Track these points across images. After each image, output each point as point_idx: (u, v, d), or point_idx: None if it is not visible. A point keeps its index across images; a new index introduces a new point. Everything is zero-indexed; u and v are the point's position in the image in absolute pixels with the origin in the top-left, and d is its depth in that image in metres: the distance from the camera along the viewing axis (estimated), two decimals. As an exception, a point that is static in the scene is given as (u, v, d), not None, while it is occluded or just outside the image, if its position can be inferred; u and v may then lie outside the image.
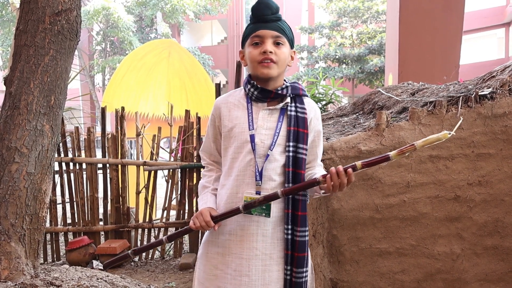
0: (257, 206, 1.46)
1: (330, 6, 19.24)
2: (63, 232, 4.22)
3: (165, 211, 4.29)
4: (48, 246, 4.28)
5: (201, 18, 22.67)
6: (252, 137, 1.50)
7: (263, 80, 1.53)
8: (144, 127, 4.72)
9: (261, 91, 1.54)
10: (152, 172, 4.26)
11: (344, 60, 18.40)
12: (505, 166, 2.17)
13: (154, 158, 4.35)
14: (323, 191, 1.50)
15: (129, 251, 1.69)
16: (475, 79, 2.53)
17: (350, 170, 1.38)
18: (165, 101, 6.85)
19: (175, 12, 20.56)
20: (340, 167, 1.38)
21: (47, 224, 4.15)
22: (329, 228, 2.23)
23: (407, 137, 2.16)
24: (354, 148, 2.18)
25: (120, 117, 4.22)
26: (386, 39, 6.71)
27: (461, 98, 2.20)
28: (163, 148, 4.64)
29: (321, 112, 4.84)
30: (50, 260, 4.21)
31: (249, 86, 1.56)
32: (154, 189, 4.30)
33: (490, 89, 2.20)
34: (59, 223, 4.26)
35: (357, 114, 3.36)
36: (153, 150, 4.36)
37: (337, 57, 18.32)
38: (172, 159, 4.50)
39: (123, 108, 4.27)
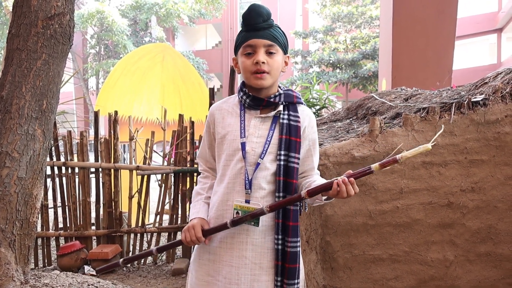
0: (244, 221, 1.44)
1: (324, 11, 19.34)
2: (54, 237, 4.18)
3: (158, 216, 4.27)
4: (39, 251, 4.23)
5: (196, 22, 22.67)
6: (243, 145, 1.49)
7: (257, 88, 1.53)
8: (138, 131, 4.70)
9: (253, 99, 1.52)
10: (145, 176, 4.23)
11: (338, 65, 18.47)
12: (498, 173, 2.18)
13: (147, 162, 4.32)
14: (325, 197, 1.46)
15: (121, 260, 1.66)
16: (468, 86, 2.54)
17: (352, 179, 1.36)
18: (158, 105, 6.83)
19: (170, 16, 20.56)
20: (352, 179, 1.36)
21: (39, 229, 4.11)
22: (322, 234, 2.23)
23: (400, 143, 2.16)
24: (348, 154, 2.18)
25: (113, 121, 4.20)
26: (380, 44, 6.75)
27: (454, 104, 2.21)
28: (156, 152, 4.62)
29: (315, 117, 4.85)
30: (41, 265, 4.17)
31: (241, 94, 1.55)
32: (147, 194, 4.28)
33: (482, 96, 2.21)
34: (50, 228, 4.22)
35: (351, 119, 3.36)
36: (146, 154, 4.34)
37: (331, 61, 18.39)
38: (165, 163, 4.48)
39: (116, 112, 4.25)
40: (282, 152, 1.49)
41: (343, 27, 19.18)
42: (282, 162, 1.48)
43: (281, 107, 1.54)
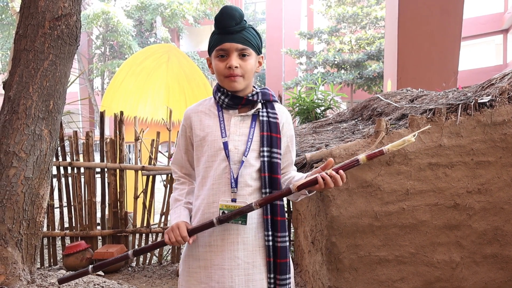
0: (232, 219, 1.43)
1: (329, 12, 19.29)
2: (60, 237, 4.20)
3: (163, 216, 4.27)
4: (45, 251, 4.25)
5: (201, 22, 22.71)
6: (225, 144, 1.49)
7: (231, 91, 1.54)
8: (143, 131, 4.71)
9: (232, 98, 1.53)
10: (151, 176, 4.24)
11: (343, 66, 18.42)
12: (505, 174, 2.17)
13: (152, 162, 4.33)
14: (308, 191, 1.49)
15: (90, 266, 1.61)
16: (474, 87, 2.54)
17: (341, 172, 1.39)
18: (164, 105, 6.85)
19: (175, 16, 20.60)
20: (333, 172, 1.37)
21: (44, 228, 4.12)
22: (328, 235, 2.23)
23: (406, 145, 2.15)
24: (353, 155, 2.17)
25: (119, 121, 4.21)
26: (385, 45, 6.73)
27: (460, 105, 2.20)
28: (161, 153, 4.63)
29: (320, 118, 4.85)
30: (47, 265, 4.19)
31: (219, 94, 1.55)
32: (152, 194, 4.29)
33: (489, 97, 2.20)
34: (56, 228, 4.24)
35: (356, 120, 3.36)
36: (152, 154, 4.35)
37: (336, 62, 18.35)
38: (170, 164, 4.48)
39: (121, 113, 4.26)
40: (265, 149, 1.50)
41: (348, 28, 19.13)
42: (266, 158, 1.50)
43: (259, 105, 1.55)
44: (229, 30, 1.47)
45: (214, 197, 1.49)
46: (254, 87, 1.60)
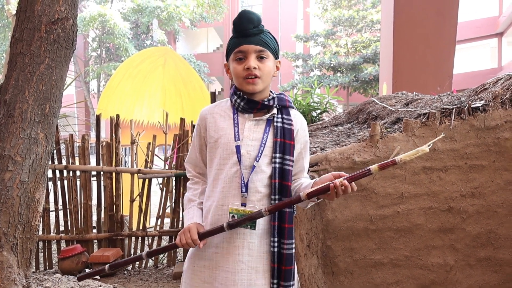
0: (242, 224, 1.44)
1: (325, 15, 19.37)
2: (55, 240, 4.19)
3: (159, 219, 4.27)
4: (41, 254, 4.24)
5: (197, 25, 22.73)
6: (238, 148, 1.50)
7: (249, 93, 1.54)
8: (139, 134, 4.71)
9: (248, 102, 1.53)
10: (147, 180, 4.25)
11: (339, 69, 18.50)
12: (498, 178, 2.19)
13: (148, 166, 4.34)
14: (317, 198, 1.49)
15: (107, 265, 1.63)
16: (468, 91, 2.56)
17: (354, 183, 1.39)
18: (160, 108, 6.85)
19: (171, 19, 20.60)
20: (346, 182, 1.37)
21: (40, 232, 4.11)
22: (324, 238, 2.24)
23: (401, 149, 2.17)
24: (349, 159, 2.19)
25: (115, 124, 4.21)
26: (381, 49, 6.77)
27: (454, 110, 2.22)
28: (157, 156, 4.63)
29: (316, 121, 4.86)
30: (42, 269, 4.17)
31: (235, 97, 1.56)
32: (148, 197, 4.29)
33: (482, 102, 2.22)
34: (51, 231, 4.23)
35: (352, 123, 3.38)
36: (148, 158, 4.35)
37: (332, 65, 18.42)
38: (166, 167, 4.49)
39: (118, 116, 4.26)
40: (277, 155, 1.50)
41: (344, 31, 19.21)
42: (277, 165, 1.50)
43: (275, 110, 1.55)
44: (247, 33, 1.49)
45: (224, 200, 1.50)
46: (271, 91, 1.61)
